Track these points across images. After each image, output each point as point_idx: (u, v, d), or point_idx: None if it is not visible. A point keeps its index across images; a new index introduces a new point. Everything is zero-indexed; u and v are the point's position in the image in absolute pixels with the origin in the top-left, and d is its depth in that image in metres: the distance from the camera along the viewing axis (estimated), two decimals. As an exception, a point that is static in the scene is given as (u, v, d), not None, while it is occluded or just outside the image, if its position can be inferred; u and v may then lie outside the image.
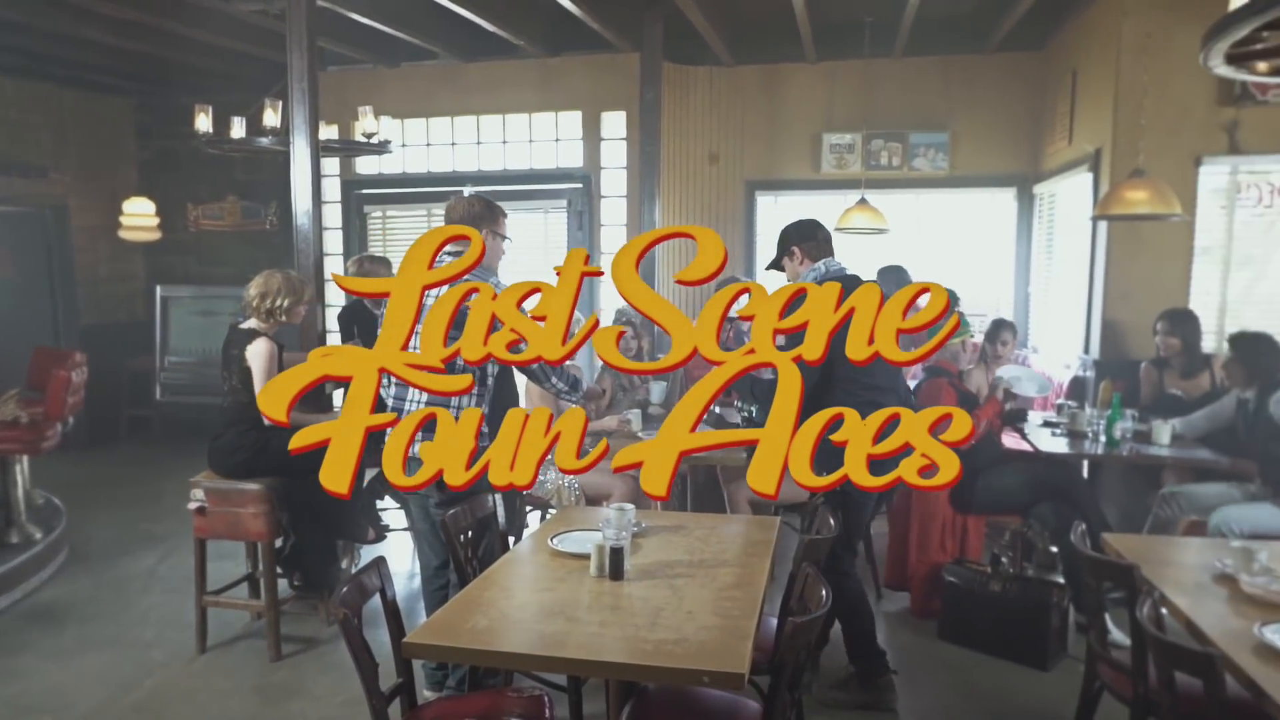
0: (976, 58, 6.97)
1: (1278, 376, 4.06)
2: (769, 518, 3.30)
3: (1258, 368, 4.08)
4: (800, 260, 3.48)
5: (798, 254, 3.49)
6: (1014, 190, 7.11)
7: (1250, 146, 5.10)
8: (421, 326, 3.02)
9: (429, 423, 2.99)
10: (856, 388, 3.17)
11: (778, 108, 7.45)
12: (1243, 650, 2.10)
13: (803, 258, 3.48)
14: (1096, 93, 5.55)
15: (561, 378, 3.37)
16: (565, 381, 3.40)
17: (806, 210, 7.40)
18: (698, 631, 2.14)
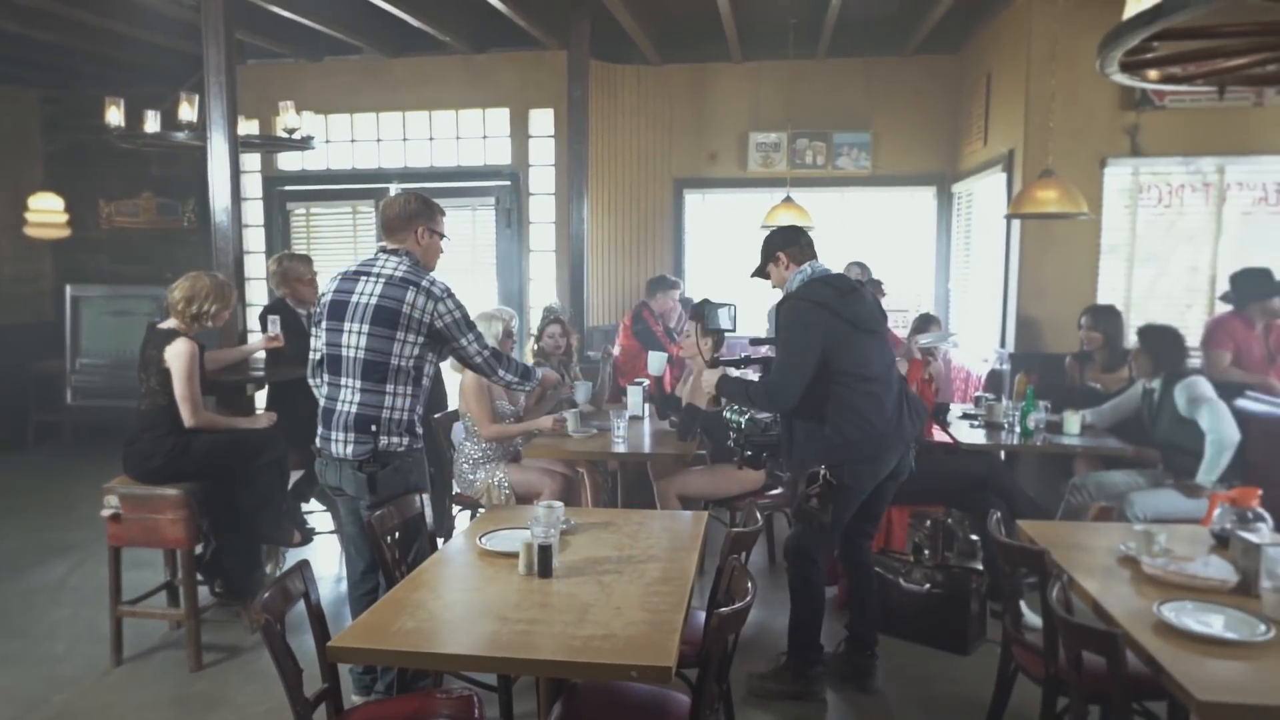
0: (897, 60, 7.15)
1: (1181, 367, 4.26)
2: (697, 513, 3.34)
3: (1162, 359, 4.27)
4: (786, 265, 3.52)
5: (783, 259, 3.52)
6: (934, 189, 7.32)
7: (1150, 149, 5.35)
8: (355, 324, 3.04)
9: (361, 423, 3.02)
10: (852, 380, 3.28)
11: (705, 107, 7.53)
12: (1143, 628, 2.21)
13: (788, 262, 3.51)
14: (1009, 96, 5.75)
15: (510, 368, 3.32)
16: (514, 371, 3.34)
17: (733, 207, 7.58)
18: (625, 627, 2.16)
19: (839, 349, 3.27)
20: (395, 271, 3.05)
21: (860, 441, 3.30)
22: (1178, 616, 2.23)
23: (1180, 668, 1.99)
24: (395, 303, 3.00)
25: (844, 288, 3.39)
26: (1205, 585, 2.44)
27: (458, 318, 3.10)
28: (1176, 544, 2.78)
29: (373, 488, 3.04)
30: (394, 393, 3.05)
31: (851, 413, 3.28)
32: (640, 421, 4.89)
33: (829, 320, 3.27)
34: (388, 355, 3.02)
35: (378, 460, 3.03)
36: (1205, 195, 5.42)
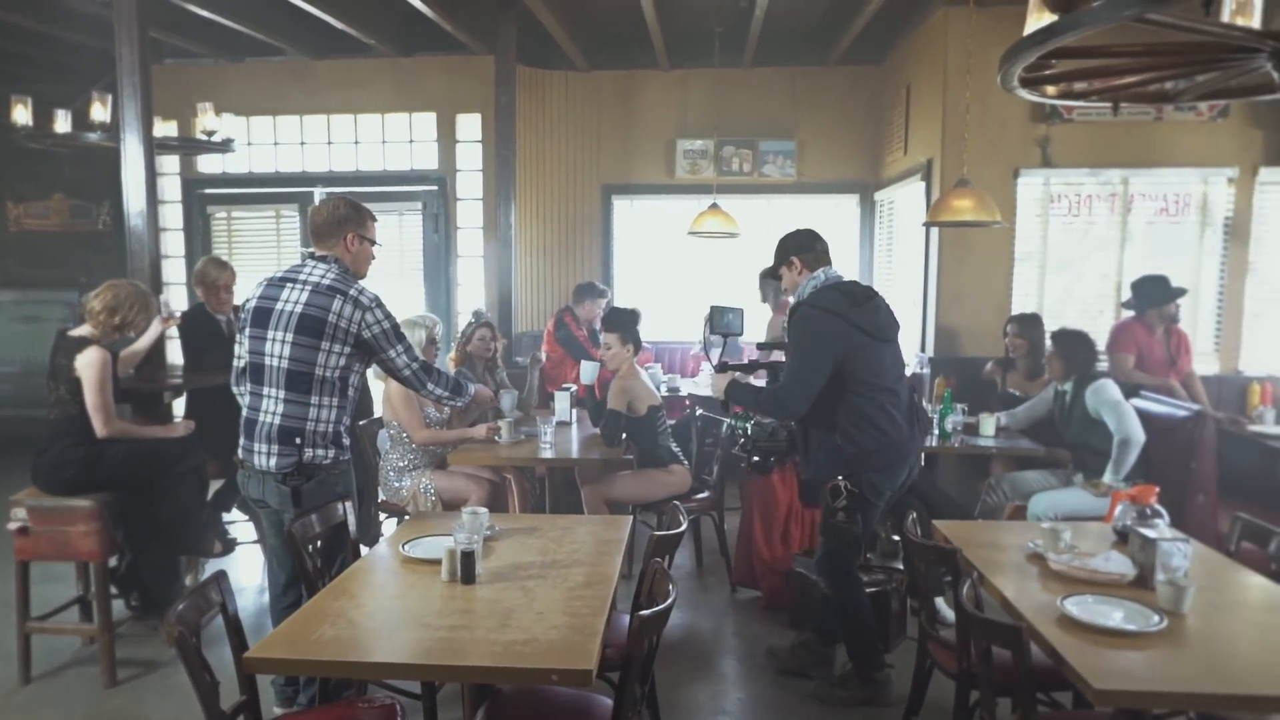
0: (821, 70, 7.31)
1: (1091, 371, 4.44)
2: (621, 517, 3.36)
3: (1074, 362, 4.44)
4: (799, 270, 3.48)
5: (796, 264, 3.48)
6: (857, 197, 7.50)
7: (1060, 160, 5.58)
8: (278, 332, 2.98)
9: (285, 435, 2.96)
10: (867, 389, 3.29)
11: (633, 113, 7.58)
12: (1048, 622, 2.30)
13: (801, 268, 3.47)
14: (927, 107, 5.92)
15: (440, 382, 3.22)
16: (444, 385, 3.23)
17: (661, 213, 7.65)
18: (547, 631, 2.17)
19: (854, 358, 3.27)
20: (322, 279, 2.97)
21: (875, 451, 3.30)
22: (1079, 610, 2.33)
23: (1079, 659, 2.08)
24: (321, 311, 2.92)
25: (859, 296, 3.36)
26: (1106, 579, 2.56)
27: (386, 328, 3.02)
28: (1082, 541, 2.91)
29: (297, 501, 2.97)
30: (319, 404, 2.98)
31: (866, 422, 3.29)
32: (568, 427, 4.90)
33: (843, 329, 3.26)
34: (312, 365, 2.94)
35: (302, 473, 2.96)
36: (1111, 205, 5.66)
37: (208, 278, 4.64)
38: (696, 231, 6.50)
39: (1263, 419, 4.96)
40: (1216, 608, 2.44)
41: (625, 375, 4.55)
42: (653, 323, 7.29)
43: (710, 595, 4.71)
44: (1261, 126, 5.54)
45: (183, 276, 7.46)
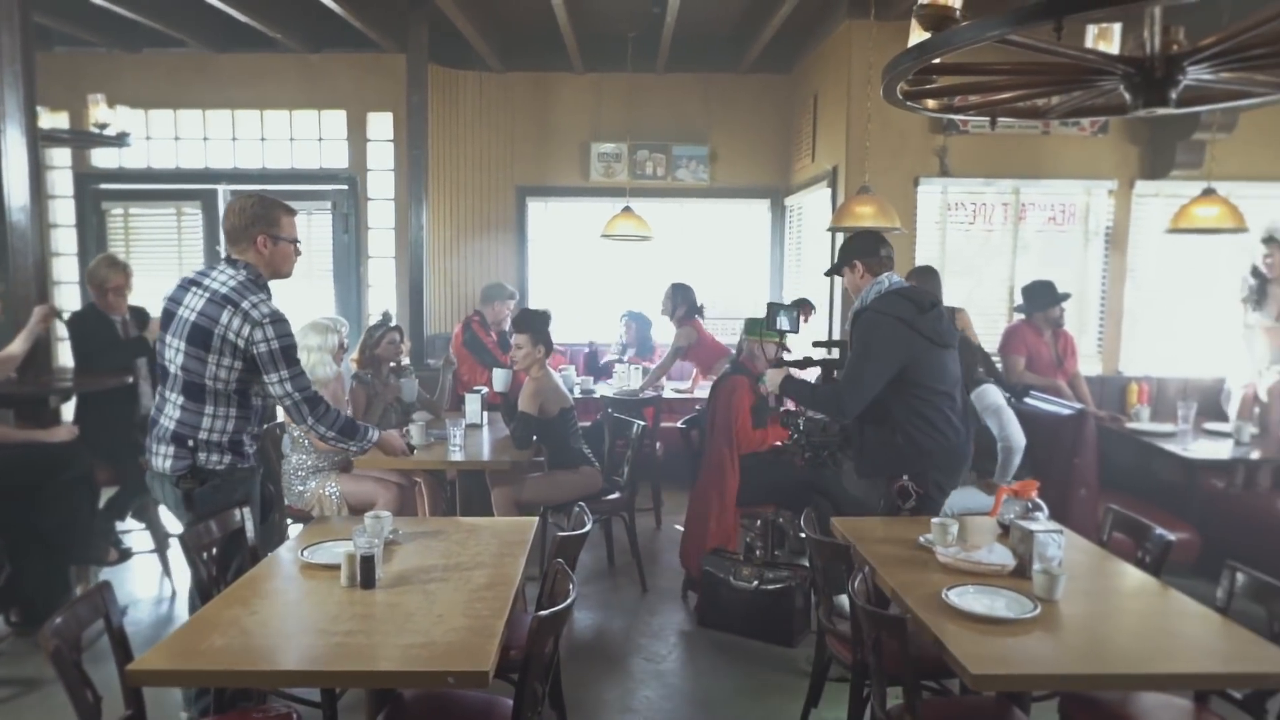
0: (732, 77, 7.43)
1: (973, 375, 4.59)
2: (527, 519, 3.37)
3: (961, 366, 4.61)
4: (861, 274, 3.55)
5: (859, 268, 3.55)
6: (768, 202, 7.65)
7: (957, 170, 5.80)
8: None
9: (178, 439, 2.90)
10: (929, 393, 3.39)
11: (547, 115, 7.58)
12: (932, 612, 2.40)
13: (864, 272, 3.54)
14: (833, 116, 6.09)
15: (327, 420, 3.01)
16: (332, 425, 3.02)
17: (575, 215, 7.67)
18: (446, 634, 2.17)
19: (917, 363, 3.37)
20: (221, 286, 2.87)
21: (935, 452, 3.42)
22: (961, 600, 2.45)
23: (959, 646, 2.18)
24: (209, 322, 2.83)
25: (923, 304, 3.45)
26: (988, 570, 2.68)
27: (274, 349, 2.85)
28: (971, 534, 3.04)
29: (189, 505, 2.90)
30: (212, 414, 2.90)
31: (926, 424, 3.40)
32: (479, 429, 4.88)
33: (908, 335, 3.35)
34: (202, 376, 2.87)
35: (195, 476, 2.90)
36: (1005, 214, 5.92)
37: (97, 278, 4.47)
38: (610, 234, 6.53)
39: (1139, 417, 5.25)
40: (1087, 594, 2.59)
41: (536, 377, 4.55)
42: (567, 325, 7.31)
43: (622, 595, 4.75)
44: (1137, 143, 5.87)
45: (76, 275, 7.15)
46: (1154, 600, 2.57)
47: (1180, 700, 2.55)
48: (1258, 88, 2.05)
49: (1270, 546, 4.65)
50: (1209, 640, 2.30)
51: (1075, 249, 5.99)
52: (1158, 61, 1.82)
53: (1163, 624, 2.40)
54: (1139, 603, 2.57)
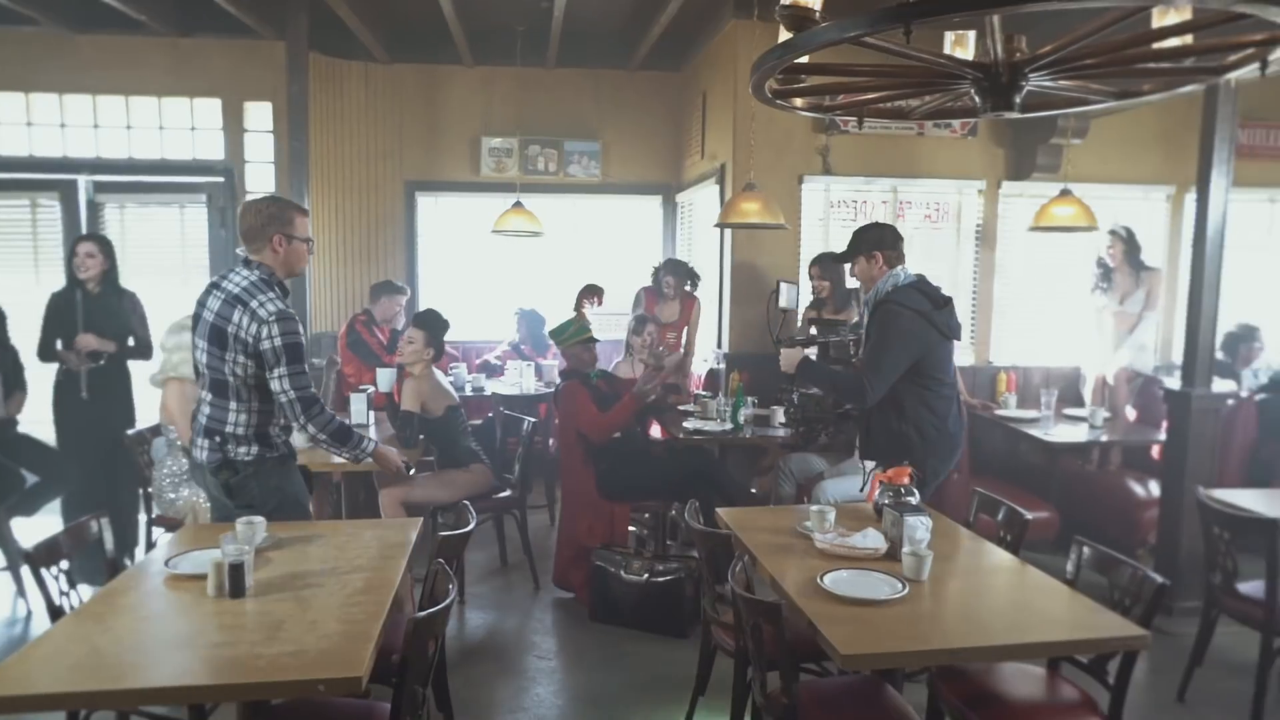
0: (623, 73, 7.45)
1: None
2: (411, 519, 3.31)
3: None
4: (880, 265, 3.69)
5: (879, 259, 3.69)
6: (660, 198, 7.70)
7: (839, 169, 5.97)
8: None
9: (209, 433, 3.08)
10: (936, 384, 3.60)
11: (437, 109, 7.44)
12: (809, 596, 2.48)
13: (883, 263, 3.69)
14: (721, 114, 6.18)
15: (321, 423, 3.08)
16: (325, 428, 3.10)
17: (466, 210, 7.56)
18: (319, 640, 2.12)
19: (929, 356, 3.56)
20: (235, 288, 3.01)
21: (937, 439, 3.62)
22: (835, 584, 2.53)
23: (831, 628, 2.25)
24: (223, 322, 2.98)
25: (938, 299, 3.63)
26: (862, 554, 2.78)
27: (276, 346, 2.95)
28: (848, 520, 3.14)
29: (229, 494, 3.11)
30: (236, 408, 3.05)
31: (932, 414, 3.60)
32: (365, 431, 4.76)
33: (925, 329, 3.54)
34: (223, 373, 3.02)
35: (229, 468, 3.08)
36: (884, 211, 6.13)
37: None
38: (500, 230, 6.47)
39: (1007, 404, 5.54)
40: (953, 573, 2.72)
41: (419, 376, 4.48)
42: (457, 321, 7.20)
43: (515, 593, 4.73)
44: (1003, 145, 6.17)
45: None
46: (1012, 576, 2.71)
47: (1035, 668, 2.71)
48: (1093, 95, 2.19)
49: (1121, 520, 4.99)
50: (1059, 611, 2.45)
51: (950, 245, 6.26)
52: (1003, 68, 1.92)
53: (1019, 598, 2.54)
54: (998, 579, 2.71)
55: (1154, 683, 3.76)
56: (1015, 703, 2.52)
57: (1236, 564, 3.44)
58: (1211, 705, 3.56)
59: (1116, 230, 5.60)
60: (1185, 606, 4.22)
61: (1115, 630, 2.31)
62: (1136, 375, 5.60)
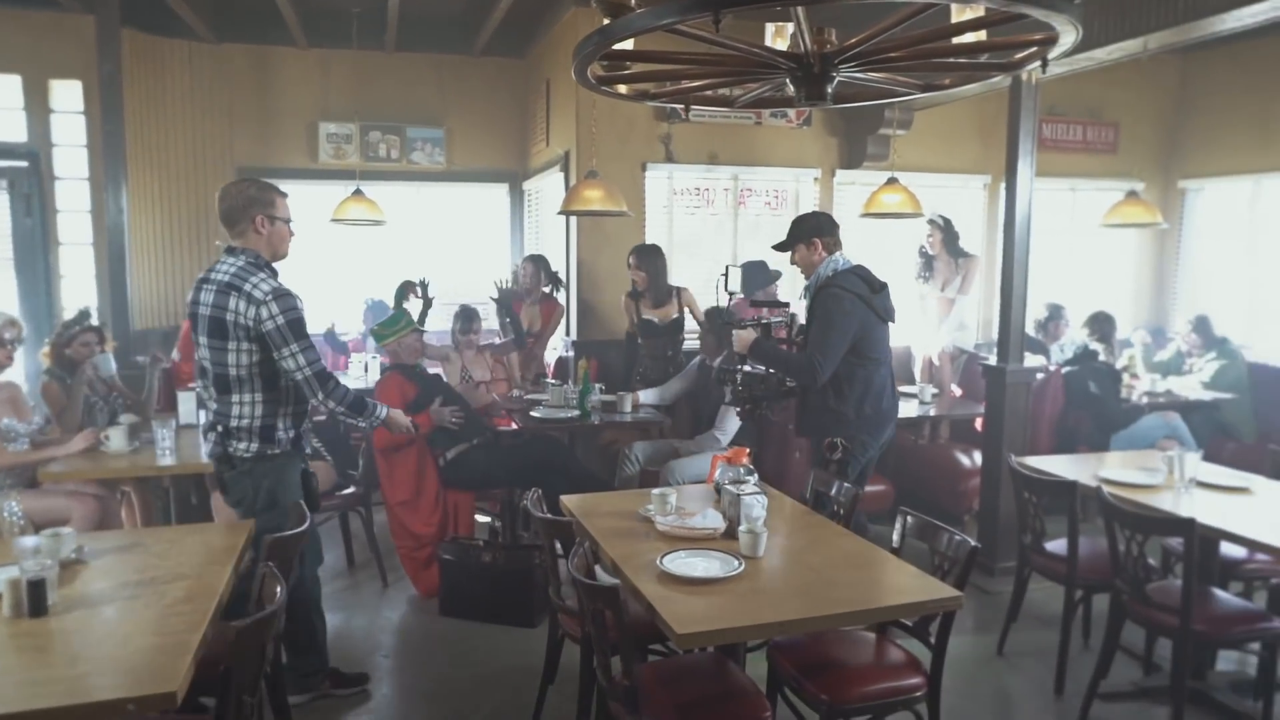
0: (467, 59, 7.31)
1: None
2: (241, 522, 3.15)
3: (722, 339, 4.84)
4: (819, 251, 3.85)
5: (818, 245, 3.85)
6: (506, 186, 7.62)
7: (682, 157, 6.07)
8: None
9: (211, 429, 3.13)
10: (870, 363, 3.77)
11: (269, 92, 7.09)
12: (649, 579, 2.51)
13: (821, 249, 3.85)
14: (565, 102, 6.16)
15: (337, 395, 3.12)
16: (342, 400, 3.14)
17: (303, 198, 7.22)
18: (131, 656, 1.99)
19: (866, 336, 3.75)
20: (225, 276, 3.00)
21: (870, 416, 3.80)
22: (674, 565, 2.58)
23: (668, 608, 2.29)
24: (220, 311, 2.96)
25: (875, 284, 3.82)
26: (702, 535, 2.85)
27: (280, 324, 2.95)
28: (691, 502, 3.20)
29: (223, 489, 3.16)
30: (238, 401, 3.04)
31: (868, 392, 3.78)
32: (195, 430, 4.51)
33: (864, 311, 3.73)
34: (225, 366, 3.01)
35: (226, 462, 3.10)
36: (726, 199, 6.28)
37: None
38: (340, 219, 6.24)
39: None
40: (787, 548, 2.82)
41: None
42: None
43: (362, 592, 4.60)
44: (835, 135, 6.44)
45: None
46: (843, 548, 2.84)
47: (866, 634, 2.85)
48: (900, 87, 2.31)
49: (949, 489, 5.33)
50: (886, 578, 2.59)
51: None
52: (814, 59, 2.00)
53: (848, 568, 2.65)
54: (830, 551, 2.82)
55: (978, 639, 4.04)
56: (846, 668, 2.64)
57: (1044, 525, 3.73)
58: (1026, 656, 3.85)
59: (935, 219, 5.95)
60: (1005, 567, 4.54)
61: (933, 594, 2.46)
62: (960, 353, 5.98)
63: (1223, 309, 6.43)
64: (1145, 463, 3.87)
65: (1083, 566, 3.54)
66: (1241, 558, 3.59)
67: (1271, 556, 3.09)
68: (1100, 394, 5.38)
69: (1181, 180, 7.33)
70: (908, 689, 2.58)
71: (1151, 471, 3.67)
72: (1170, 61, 7.15)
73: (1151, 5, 3.85)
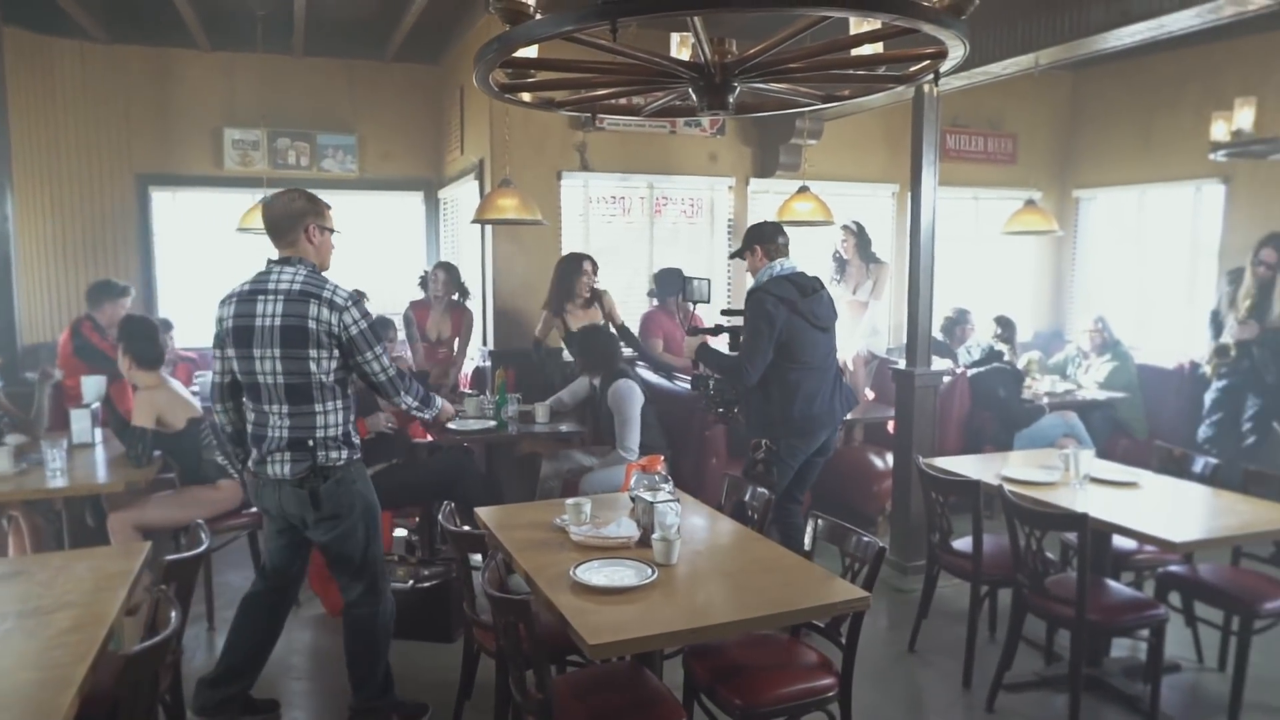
0: (379, 64, 7.19)
1: (615, 367, 4.80)
2: (136, 545, 3.02)
3: (590, 359, 4.83)
4: (760, 257, 4.00)
5: (759, 252, 4.00)
6: (421, 194, 7.51)
7: (597, 166, 6.09)
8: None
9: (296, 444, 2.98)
10: (798, 367, 3.87)
11: (170, 96, 6.84)
12: (562, 590, 2.49)
13: (762, 255, 3.99)
14: (479, 110, 6.11)
15: (412, 391, 3.20)
16: (416, 396, 3.22)
17: (210, 206, 7.01)
18: (10, 692, 1.88)
19: (792, 340, 3.86)
20: (293, 285, 2.93)
21: (798, 419, 3.90)
22: (588, 575, 2.56)
23: (581, 619, 2.28)
24: (300, 319, 2.90)
25: (808, 288, 3.94)
26: (616, 543, 2.84)
27: (364, 329, 2.98)
28: (605, 511, 3.19)
29: (316, 504, 3.01)
30: (324, 410, 2.99)
31: (796, 394, 3.88)
32: (90, 449, 4.31)
33: (787, 315, 3.84)
34: (308, 375, 2.93)
35: (318, 475, 2.99)
36: (642, 207, 6.31)
37: None
38: (247, 228, 6.04)
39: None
40: (701, 555, 2.84)
41: (149, 388, 4.11)
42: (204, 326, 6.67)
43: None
44: (749, 144, 6.55)
45: None
46: (756, 552, 2.87)
47: (780, 636, 2.89)
48: (801, 98, 2.36)
49: (864, 491, 5.44)
50: (797, 581, 2.62)
51: (705, 239, 6.55)
52: (715, 69, 2.02)
53: (761, 572, 2.68)
54: (744, 556, 2.85)
55: (891, 637, 4.13)
56: (760, 671, 2.66)
57: (951, 524, 3.84)
58: (936, 651, 3.95)
59: (849, 225, 6.09)
60: (916, 566, 4.66)
61: (842, 595, 2.50)
62: (872, 358, 6.12)
63: (1115, 312, 6.73)
64: (1045, 461, 4.01)
65: (987, 563, 3.65)
66: (1132, 549, 3.75)
67: (1158, 548, 3.24)
68: (1004, 395, 5.57)
69: (1075, 189, 7.67)
70: (820, 689, 2.61)
71: (1050, 469, 3.81)
72: (1063, 77, 7.47)
73: (1041, 23, 4.02)
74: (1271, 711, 3.42)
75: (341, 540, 3.09)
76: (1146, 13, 3.64)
